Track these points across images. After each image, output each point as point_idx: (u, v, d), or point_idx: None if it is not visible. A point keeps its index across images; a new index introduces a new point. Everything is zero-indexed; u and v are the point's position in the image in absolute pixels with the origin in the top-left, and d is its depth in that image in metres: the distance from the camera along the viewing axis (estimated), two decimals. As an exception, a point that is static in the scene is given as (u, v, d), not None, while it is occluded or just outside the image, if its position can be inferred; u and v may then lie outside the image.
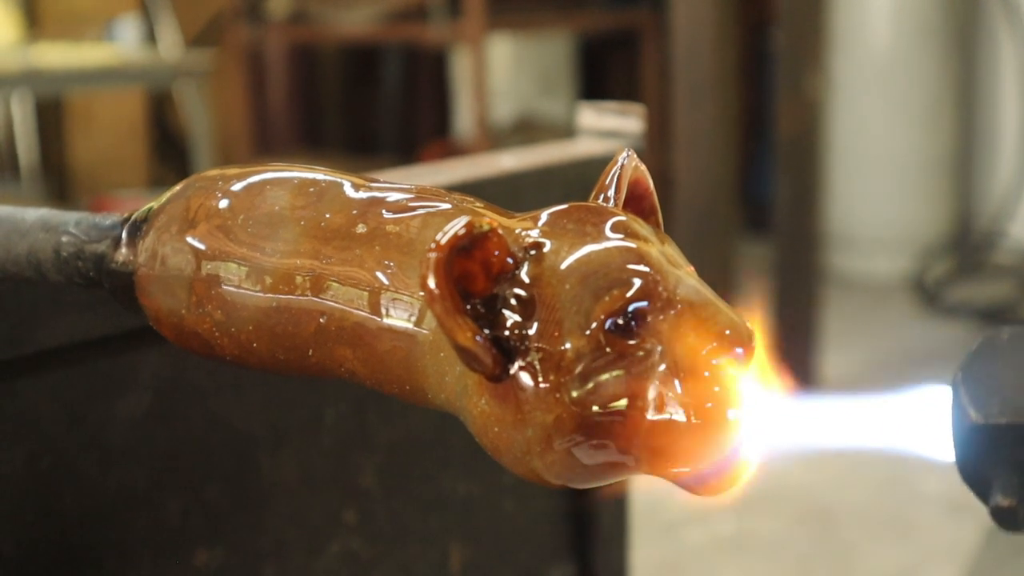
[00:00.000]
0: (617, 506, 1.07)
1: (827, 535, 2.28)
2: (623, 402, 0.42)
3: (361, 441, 0.88)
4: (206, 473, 0.79)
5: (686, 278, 0.44)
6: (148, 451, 0.76)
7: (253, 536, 0.82)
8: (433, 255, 0.42)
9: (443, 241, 0.42)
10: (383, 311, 0.47)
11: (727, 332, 0.42)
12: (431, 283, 0.42)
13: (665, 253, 0.45)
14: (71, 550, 0.73)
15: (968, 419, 0.48)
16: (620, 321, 0.43)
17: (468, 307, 0.43)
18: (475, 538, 0.97)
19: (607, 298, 0.43)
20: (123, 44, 4.07)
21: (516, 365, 0.43)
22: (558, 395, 0.42)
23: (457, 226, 0.42)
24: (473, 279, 0.43)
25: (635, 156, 0.49)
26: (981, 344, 0.50)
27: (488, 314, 0.44)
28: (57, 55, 3.86)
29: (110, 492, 0.74)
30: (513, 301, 0.44)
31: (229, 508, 0.80)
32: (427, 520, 0.93)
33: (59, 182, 4.56)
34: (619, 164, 0.49)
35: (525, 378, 0.43)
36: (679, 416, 0.42)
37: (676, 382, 0.42)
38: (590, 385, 0.42)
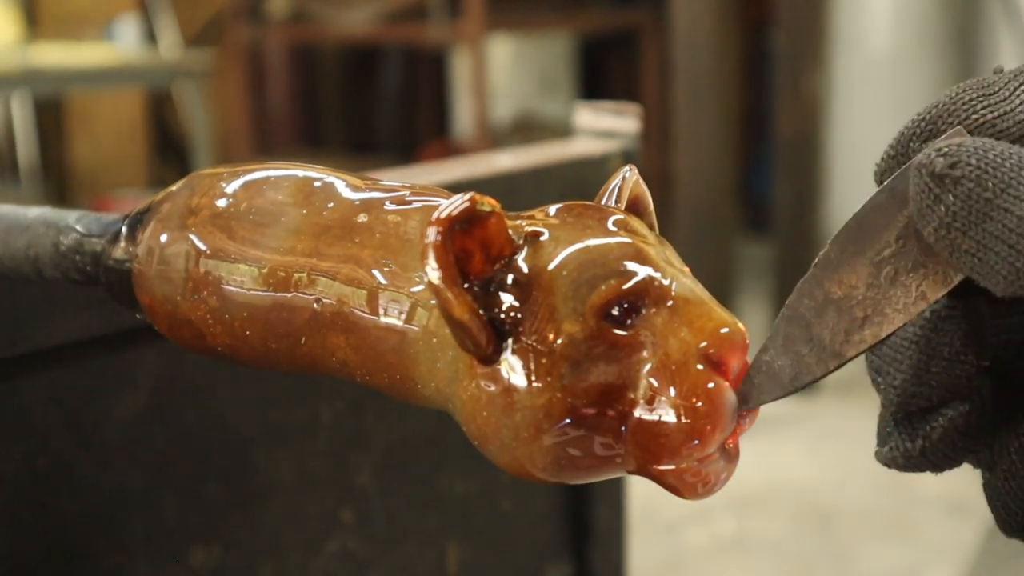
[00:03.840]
0: (615, 505, 1.07)
1: (827, 535, 2.28)
2: (613, 391, 0.42)
3: (358, 440, 0.88)
4: (203, 472, 0.79)
5: (683, 277, 0.44)
6: (145, 450, 0.76)
7: (250, 535, 0.82)
8: (435, 226, 0.42)
9: (446, 213, 0.42)
10: (379, 296, 0.47)
11: (721, 330, 0.42)
12: (431, 253, 0.42)
13: (663, 254, 0.45)
14: (68, 549, 0.73)
15: None
16: (615, 311, 0.43)
17: (465, 286, 0.43)
18: (473, 537, 0.96)
19: (603, 287, 0.43)
20: (123, 44, 4.08)
21: (509, 347, 0.43)
22: (549, 379, 0.42)
23: (461, 199, 0.43)
24: (471, 258, 0.44)
25: (637, 172, 0.49)
26: None
27: (483, 296, 0.44)
28: (56, 55, 3.86)
29: (107, 491, 0.74)
30: (509, 284, 0.44)
31: (226, 507, 0.80)
32: (424, 519, 0.93)
33: (59, 182, 4.57)
34: (620, 177, 0.49)
35: (517, 361, 0.43)
36: (668, 410, 0.42)
37: (667, 376, 0.42)
38: (581, 372, 0.42)
